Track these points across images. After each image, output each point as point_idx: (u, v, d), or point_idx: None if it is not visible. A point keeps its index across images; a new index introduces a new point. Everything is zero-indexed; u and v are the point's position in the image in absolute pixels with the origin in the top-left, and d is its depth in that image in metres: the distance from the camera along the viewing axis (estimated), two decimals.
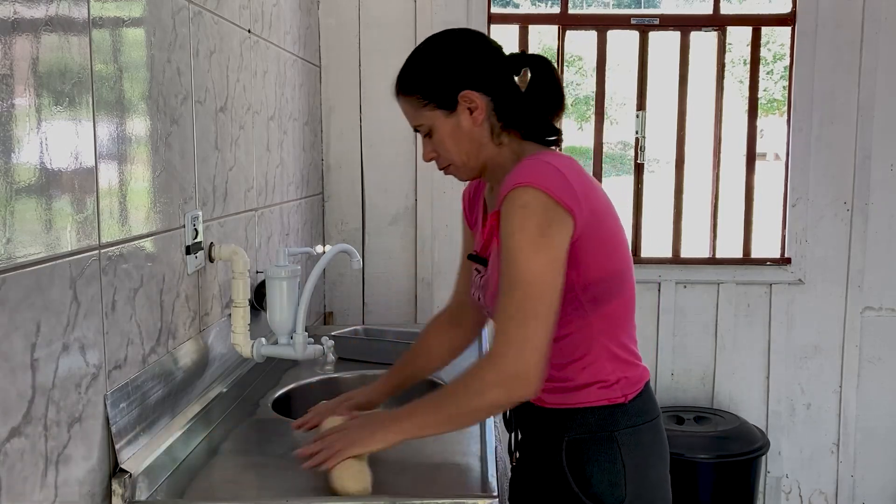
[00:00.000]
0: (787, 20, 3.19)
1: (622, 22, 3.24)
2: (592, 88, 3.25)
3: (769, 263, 3.23)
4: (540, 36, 3.45)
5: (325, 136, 3.16)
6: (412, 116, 1.51)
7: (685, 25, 3.23)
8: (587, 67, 3.50)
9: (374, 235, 3.20)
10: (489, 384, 1.32)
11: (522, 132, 1.51)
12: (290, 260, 1.90)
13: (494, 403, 1.36)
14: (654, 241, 3.45)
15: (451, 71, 1.46)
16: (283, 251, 1.89)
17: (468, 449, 1.57)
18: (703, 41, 3.27)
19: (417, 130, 1.53)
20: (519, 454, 1.62)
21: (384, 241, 3.20)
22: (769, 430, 3.26)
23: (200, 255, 1.75)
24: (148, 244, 1.49)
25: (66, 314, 1.18)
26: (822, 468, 3.30)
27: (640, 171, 3.27)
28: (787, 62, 3.23)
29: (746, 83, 3.25)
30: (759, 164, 3.30)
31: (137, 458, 1.38)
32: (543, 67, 1.50)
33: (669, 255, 3.30)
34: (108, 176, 1.33)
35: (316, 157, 3.06)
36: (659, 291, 3.23)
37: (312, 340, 1.87)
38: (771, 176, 3.73)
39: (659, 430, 1.51)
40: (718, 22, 3.21)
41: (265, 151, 2.32)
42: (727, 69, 3.27)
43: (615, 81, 3.64)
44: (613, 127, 4.79)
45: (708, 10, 3.21)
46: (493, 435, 1.63)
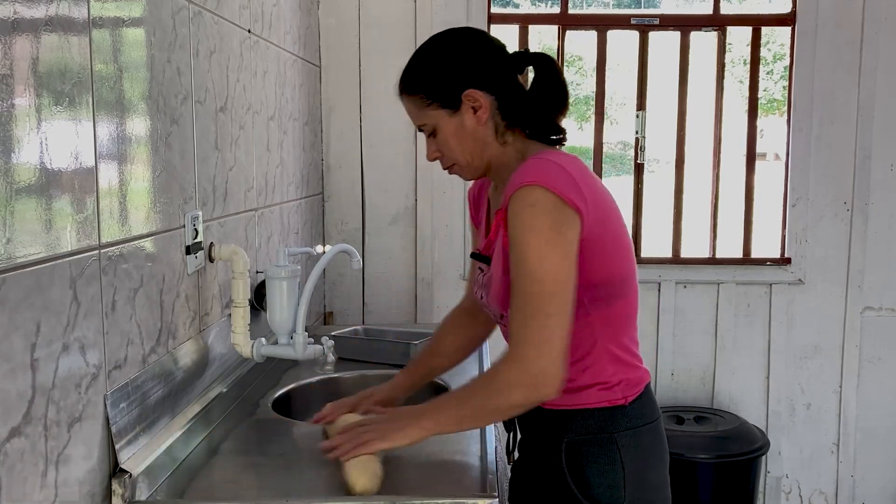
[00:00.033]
0: (787, 20, 3.19)
1: (622, 22, 3.24)
2: (592, 88, 3.25)
3: (769, 263, 3.23)
4: (540, 36, 3.45)
5: (325, 136, 3.16)
6: (416, 116, 1.51)
7: (685, 25, 3.23)
8: (587, 67, 3.50)
9: (374, 235, 3.20)
10: (511, 384, 1.32)
11: (527, 131, 1.50)
12: (290, 260, 1.90)
13: (516, 403, 1.35)
14: (654, 241, 3.45)
15: (454, 70, 1.46)
16: (283, 251, 1.89)
17: (468, 449, 1.56)
18: (703, 41, 3.27)
19: (421, 130, 1.53)
20: (518, 454, 1.62)
21: (384, 241, 3.20)
22: (769, 430, 3.26)
23: (200, 255, 1.75)
24: (148, 244, 1.49)
25: (66, 314, 1.18)
26: (822, 468, 3.30)
27: (640, 171, 3.27)
28: (787, 62, 3.23)
29: (746, 83, 3.25)
30: (759, 164, 3.30)
31: (137, 458, 1.38)
32: (547, 66, 1.49)
33: (669, 255, 3.31)
34: (108, 176, 1.33)
35: (316, 157, 3.07)
36: (659, 291, 3.23)
37: (312, 340, 1.87)
38: (771, 176, 3.73)
39: (659, 432, 1.51)
40: (718, 22, 3.21)
41: (265, 151, 2.32)
42: (727, 69, 3.27)
43: (615, 81, 3.65)
44: (613, 127, 4.79)
45: (708, 10, 3.21)
46: (493, 435, 1.63)
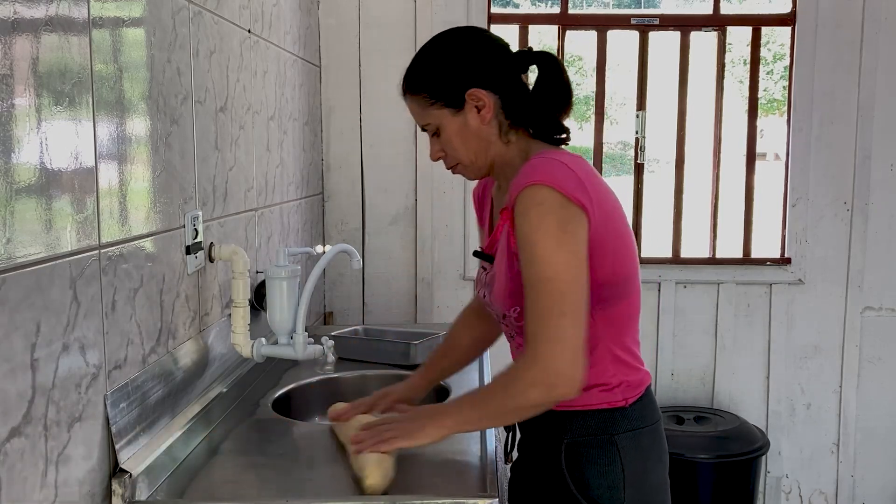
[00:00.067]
0: (787, 20, 3.19)
1: (622, 22, 3.24)
2: (592, 88, 3.25)
3: (769, 263, 3.23)
4: (540, 36, 3.45)
5: (325, 136, 3.16)
6: (419, 115, 1.50)
7: (685, 25, 3.23)
8: (587, 67, 3.49)
9: (374, 235, 3.20)
10: (529, 384, 1.31)
11: (531, 130, 1.50)
12: (290, 260, 1.90)
13: (534, 403, 1.34)
14: (654, 241, 3.45)
15: (458, 69, 1.45)
16: (283, 251, 1.89)
17: (468, 449, 1.56)
18: (703, 41, 3.27)
19: (424, 130, 1.52)
20: (518, 455, 1.61)
21: (384, 241, 3.20)
22: (769, 430, 3.26)
23: (200, 255, 1.75)
24: (148, 244, 1.49)
25: (66, 314, 1.18)
26: (822, 468, 3.30)
27: (640, 171, 3.27)
28: (787, 62, 3.23)
29: (746, 83, 3.25)
30: (759, 164, 3.30)
31: (137, 458, 1.38)
32: (550, 65, 1.48)
33: (669, 255, 3.30)
34: (108, 176, 1.33)
35: (316, 157, 3.07)
36: (659, 291, 3.22)
37: (312, 340, 1.87)
38: (771, 176, 3.73)
39: (659, 434, 1.50)
40: (718, 22, 3.21)
41: (265, 151, 2.32)
42: (727, 69, 3.27)
43: (615, 81, 3.64)
44: (613, 127, 4.78)
45: (708, 10, 3.21)
46: (493, 435, 1.63)
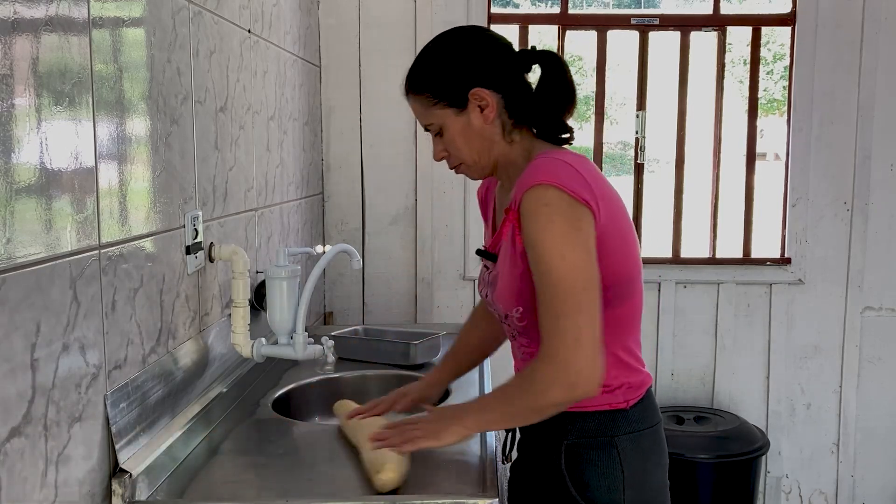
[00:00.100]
0: (787, 20, 3.19)
1: (622, 22, 3.24)
2: (592, 88, 3.25)
3: (769, 263, 3.23)
4: (540, 36, 3.45)
5: (325, 136, 3.16)
6: (422, 115, 1.50)
7: (685, 25, 3.23)
8: (587, 67, 3.49)
9: (374, 235, 3.20)
10: (549, 384, 1.30)
11: (534, 130, 1.50)
12: (290, 260, 1.90)
13: (555, 402, 1.33)
14: (654, 241, 3.45)
15: (461, 69, 1.45)
16: (283, 251, 1.89)
17: (468, 449, 1.56)
18: (703, 41, 3.27)
19: (427, 129, 1.52)
20: (518, 455, 1.61)
21: (384, 241, 3.20)
22: (769, 430, 3.26)
23: (200, 255, 1.75)
24: (148, 244, 1.49)
25: (66, 314, 1.18)
26: (822, 468, 3.30)
27: (640, 171, 3.27)
28: (787, 62, 3.23)
29: (746, 83, 3.25)
30: (759, 164, 3.30)
31: (137, 458, 1.38)
32: (554, 64, 1.48)
33: (669, 255, 3.30)
34: (108, 176, 1.33)
35: (316, 157, 3.07)
36: (659, 291, 3.22)
37: (312, 340, 1.87)
38: (771, 176, 3.73)
39: (659, 436, 1.50)
40: (718, 22, 3.21)
41: (265, 151, 2.32)
42: (727, 69, 3.27)
43: (615, 81, 3.64)
44: (613, 127, 4.77)
45: (708, 10, 3.21)
46: (493, 435, 1.63)
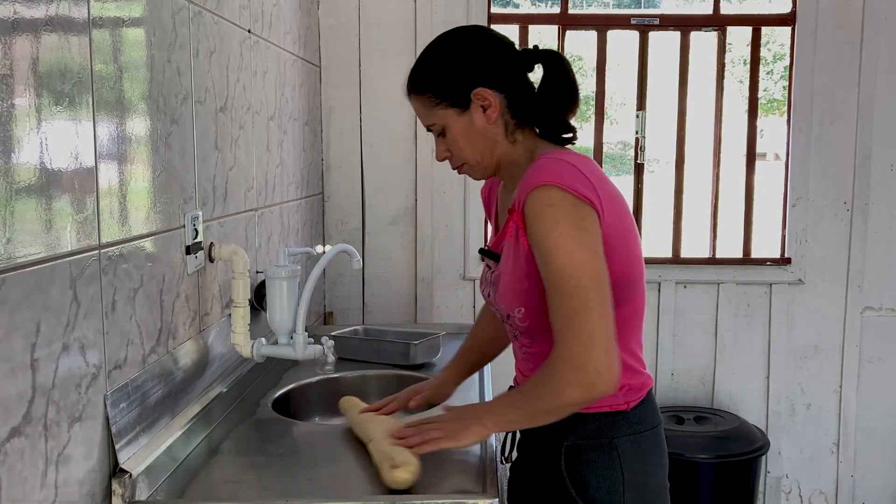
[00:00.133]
0: (787, 20, 3.19)
1: (622, 22, 3.24)
2: (592, 88, 3.25)
3: (769, 263, 3.23)
4: (540, 36, 3.45)
5: (325, 136, 3.16)
6: (424, 116, 1.50)
7: (685, 25, 3.23)
8: (587, 67, 3.49)
9: (374, 235, 3.20)
10: (566, 384, 1.30)
11: (537, 130, 1.50)
12: (290, 260, 1.90)
13: (574, 402, 1.32)
14: (654, 241, 3.45)
15: (463, 68, 1.45)
16: (283, 251, 1.89)
17: (468, 449, 1.56)
18: (703, 41, 3.27)
19: (430, 130, 1.52)
20: (518, 456, 1.61)
21: (384, 241, 3.20)
22: (769, 430, 3.26)
23: (200, 255, 1.75)
24: (148, 244, 1.49)
25: (66, 314, 1.18)
26: (822, 468, 3.30)
27: (640, 171, 3.27)
28: (787, 62, 3.23)
29: (746, 83, 3.25)
30: (759, 164, 3.30)
31: (137, 458, 1.38)
32: (556, 63, 1.47)
33: (669, 255, 3.30)
34: (108, 176, 1.33)
35: (316, 157, 3.07)
36: (659, 291, 3.22)
37: (312, 340, 1.87)
38: (771, 176, 3.73)
39: (659, 438, 1.50)
40: (718, 22, 3.21)
41: (265, 151, 2.32)
42: (727, 69, 3.27)
43: (615, 81, 3.64)
44: (613, 127, 4.78)
45: (708, 10, 3.21)
46: (493, 435, 1.63)
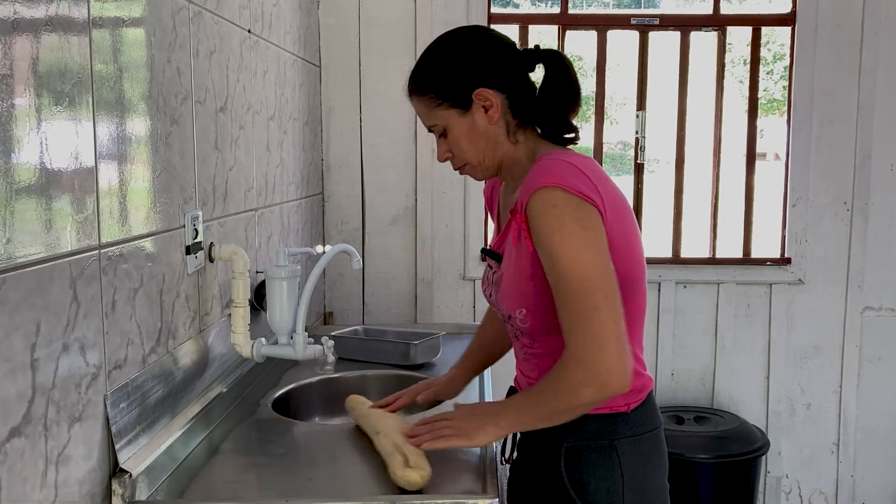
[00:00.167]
0: (787, 20, 3.19)
1: (622, 22, 3.24)
2: (592, 88, 3.25)
3: (769, 263, 3.23)
4: (540, 36, 3.45)
5: (325, 136, 3.16)
6: (426, 116, 1.50)
7: (685, 25, 3.23)
8: (587, 67, 3.49)
9: (374, 235, 3.20)
10: (579, 384, 1.29)
11: (539, 130, 1.49)
12: (290, 260, 1.90)
13: (587, 402, 1.32)
14: (654, 241, 3.45)
15: (464, 69, 1.44)
16: (283, 251, 1.89)
17: (468, 449, 1.56)
18: (703, 41, 3.27)
19: (431, 131, 1.51)
20: (518, 456, 1.61)
21: (384, 241, 3.20)
22: (769, 430, 3.26)
23: (200, 255, 1.75)
24: (148, 244, 1.49)
25: (66, 314, 1.18)
26: (822, 468, 3.30)
27: (640, 171, 3.27)
28: (787, 62, 3.23)
29: (746, 83, 3.25)
30: (759, 164, 3.30)
31: (137, 458, 1.38)
32: (557, 63, 1.47)
33: (669, 255, 3.30)
34: (108, 176, 1.33)
35: (316, 157, 3.07)
36: (659, 291, 3.22)
37: (312, 340, 1.87)
38: (771, 176, 3.73)
39: (659, 440, 1.50)
40: (718, 22, 3.21)
41: (265, 151, 2.32)
42: (727, 69, 3.27)
43: (615, 81, 3.64)
44: (613, 127, 4.78)
45: (708, 10, 3.21)
46: None
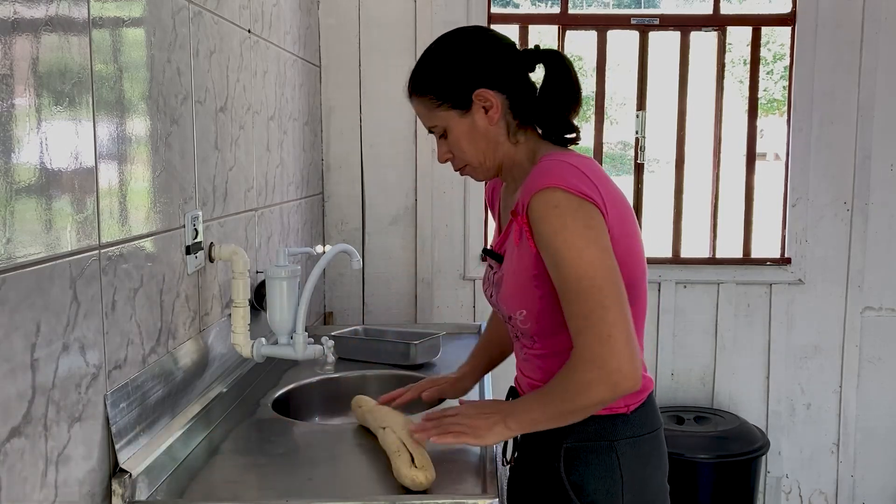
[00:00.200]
0: (787, 20, 3.19)
1: (622, 22, 3.24)
2: (592, 88, 3.25)
3: (769, 263, 3.23)
4: (540, 36, 3.45)
5: (325, 136, 3.16)
6: (426, 117, 1.49)
7: (685, 25, 3.23)
8: (587, 67, 3.49)
9: (374, 235, 3.20)
10: (589, 384, 1.29)
11: (540, 130, 1.49)
12: (290, 260, 1.90)
13: (598, 401, 1.31)
14: (654, 241, 3.45)
15: (464, 70, 1.44)
16: (283, 251, 1.89)
17: (468, 449, 1.56)
18: (703, 41, 3.27)
19: (431, 131, 1.51)
20: (518, 456, 1.61)
21: (384, 241, 3.20)
22: (769, 430, 3.26)
23: (200, 255, 1.75)
24: (148, 244, 1.49)
25: (66, 314, 1.18)
26: (822, 468, 3.30)
27: (640, 171, 3.27)
28: (787, 62, 3.23)
29: (746, 83, 3.25)
30: (759, 164, 3.30)
31: (137, 458, 1.38)
32: (558, 63, 1.47)
33: (669, 255, 3.30)
34: (108, 176, 1.33)
35: (316, 157, 3.07)
36: (659, 291, 3.22)
37: (312, 340, 1.87)
38: (771, 176, 3.73)
39: (659, 441, 1.50)
40: (718, 22, 3.21)
41: (265, 151, 2.32)
42: (727, 69, 3.26)
43: (615, 81, 3.64)
44: (613, 127, 4.78)
45: (708, 10, 3.21)
46: None
